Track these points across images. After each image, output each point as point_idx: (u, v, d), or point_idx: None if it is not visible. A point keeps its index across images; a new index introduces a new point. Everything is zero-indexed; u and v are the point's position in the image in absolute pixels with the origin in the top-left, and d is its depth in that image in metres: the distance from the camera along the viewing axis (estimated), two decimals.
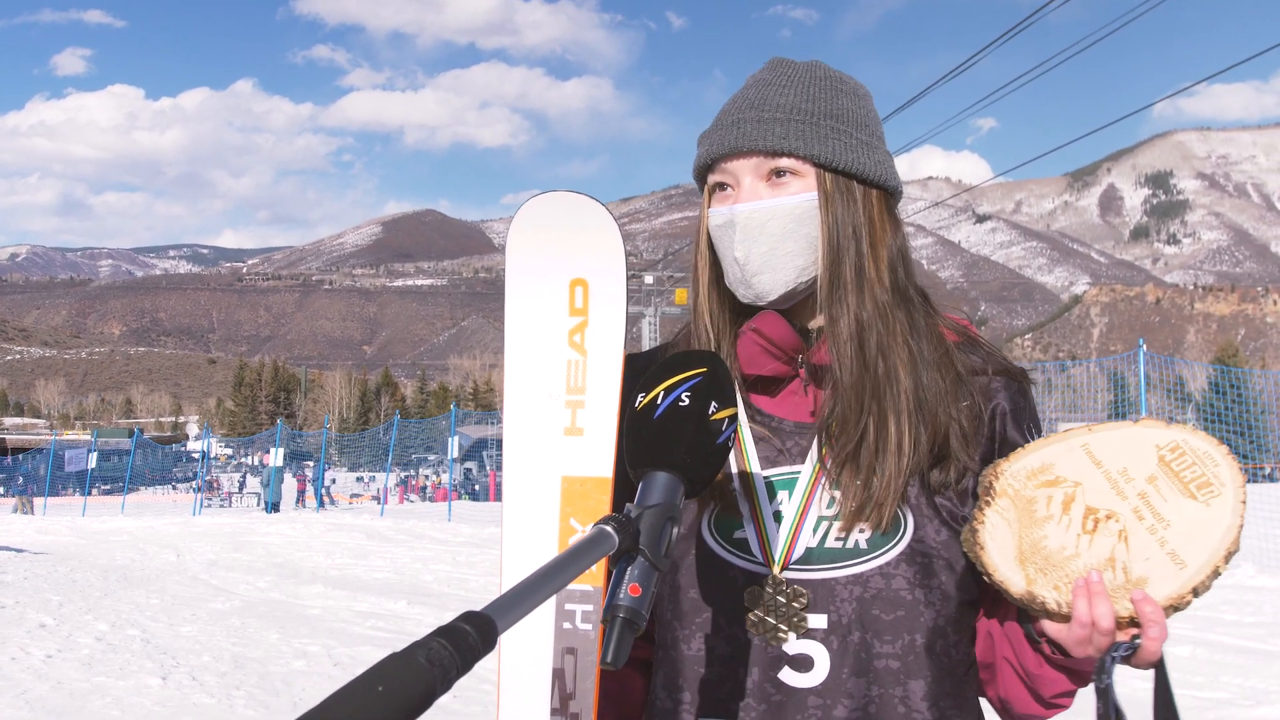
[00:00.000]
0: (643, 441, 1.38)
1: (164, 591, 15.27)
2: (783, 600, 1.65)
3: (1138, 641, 1.46)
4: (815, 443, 1.71)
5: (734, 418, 1.42)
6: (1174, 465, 1.54)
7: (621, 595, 1.20)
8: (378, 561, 19.80)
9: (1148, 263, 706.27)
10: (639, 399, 1.42)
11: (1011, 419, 1.74)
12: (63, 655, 10.06)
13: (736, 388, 1.63)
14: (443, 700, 7.79)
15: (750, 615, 1.66)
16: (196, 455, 65.39)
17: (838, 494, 1.67)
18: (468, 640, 1.03)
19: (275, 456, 43.11)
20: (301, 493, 51.37)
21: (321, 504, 46.64)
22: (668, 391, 1.41)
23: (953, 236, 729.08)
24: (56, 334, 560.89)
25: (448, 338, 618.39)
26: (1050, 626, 1.53)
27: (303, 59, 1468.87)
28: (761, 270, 1.69)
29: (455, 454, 40.26)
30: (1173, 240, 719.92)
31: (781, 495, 1.70)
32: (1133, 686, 2.42)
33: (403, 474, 69.79)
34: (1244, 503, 1.50)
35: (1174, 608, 1.48)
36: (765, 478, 1.72)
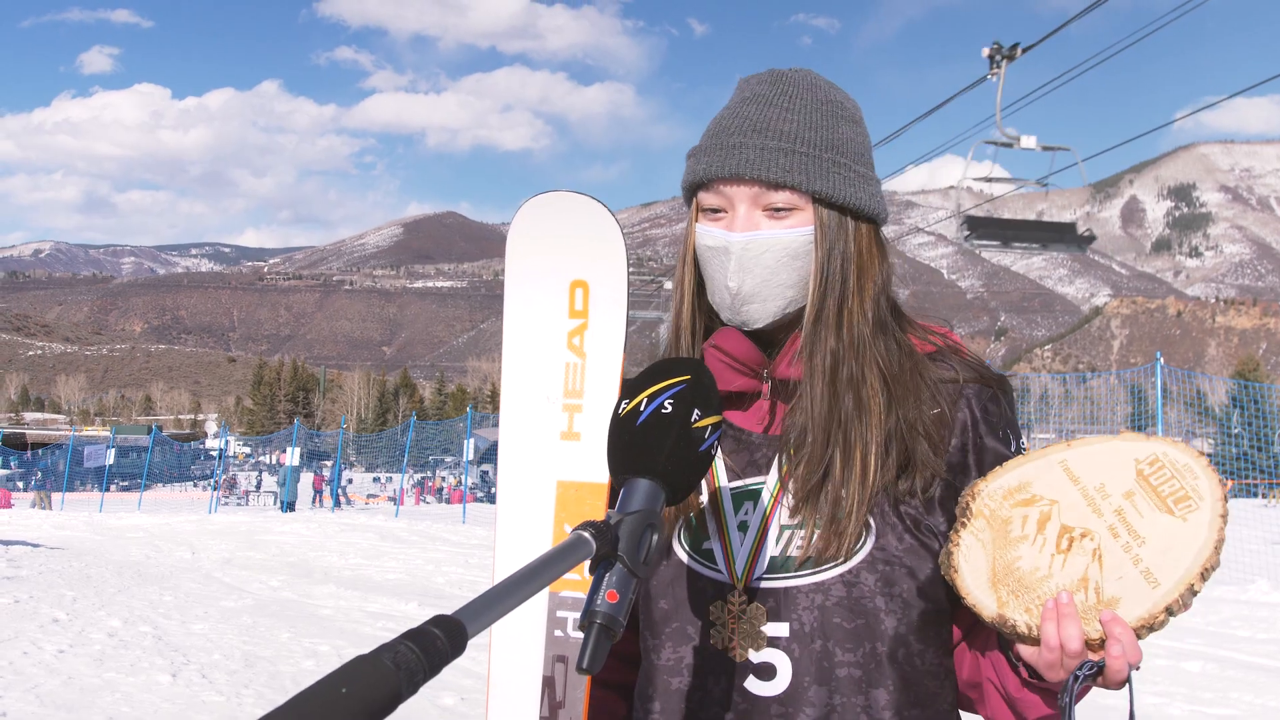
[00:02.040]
0: (624, 448, 1.38)
1: (177, 589, 15.31)
2: (743, 615, 1.66)
3: (1102, 662, 1.45)
4: (778, 455, 1.72)
5: (717, 425, 1.41)
6: (1152, 479, 1.52)
7: (599, 601, 1.20)
8: (390, 563, 19.82)
9: (1169, 275, 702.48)
10: (622, 405, 1.43)
11: (985, 425, 1.74)
12: (74, 650, 10.09)
13: None
14: (448, 702, 7.78)
15: (711, 630, 1.68)
16: (214, 453, 65.45)
17: (802, 505, 1.67)
18: (436, 644, 1.03)
19: (291, 456, 43.24)
20: (318, 492, 51.43)
21: (337, 503, 46.70)
22: (651, 398, 1.40)
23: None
24: (78, 330, 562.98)
25: (467, 340, 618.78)
26: (1024, 649, 1.52)
27: (326, 60, 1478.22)
28: (752, 300, 1.69)
29: (471, 456, 40.25)
30: (1195, 253, 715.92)
31: (746, 506, 1.71)
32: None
33: (419, 475, 69.81)
34: (1224, 516, 1.47)
35: (1147, 627, 1.46)
36: (732, 489, 1.73)
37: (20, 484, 68.41)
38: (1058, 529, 1.53)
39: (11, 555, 17.61)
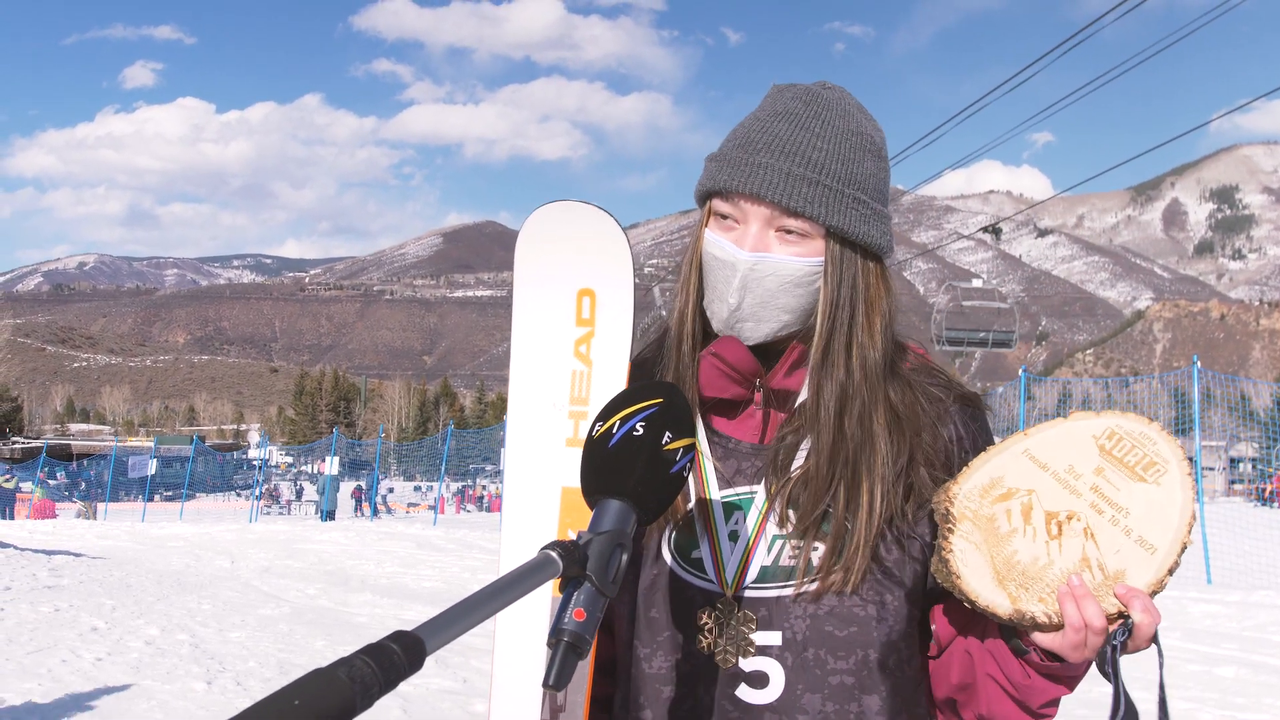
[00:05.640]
0: (596, 470, 1.41)
1: (216, 597, 15.40)
2: (732, 623, 1.67)
3: (1130, 621, 1.49)
4: (769, 466, 1.74)
5: (690, 448, 1.43)
6: (1115, 452, 1.56)
7: (566, 619, 1.23)
8: (427, 571, 19.86)
9: (1212, 278, 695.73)
10: (595, 428, 1.45)
11: (969, 441, 1.77)
12: (112, 659, 10.18)
13: (695, 413, 1.67)
14: (479, 709, 7.82)
15: (700, 636, 1.69)
16: (256, 463, 65.90)
17: (791, 513, 1.69)
18: (393, 659, 1.04)
19: (331, 465, 43.47)
20: (359, 501, 51.60)
21: (376, 512, 46.87)
22: (623, 421, 1.43)
23: (1014, 250, 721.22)
24: (122, 342, 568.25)
25: (507, 348, 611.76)
26: (1042, 637, 1.54)
27: (364, 73, 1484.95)
28: (748, 319, 1.71)
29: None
30: (1238, 255, 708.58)
31: (736, 515, 1.73)
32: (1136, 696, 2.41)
33: (460, 484, 69.94)
34: (1190, 475, 1.52)
35: (1154, 592, 1.50)
36: (722, 498, 1.75)
37: (66, 494, 69.00)
38: (1043, 516, 1.56)
39: (54, 565, 17.78)
